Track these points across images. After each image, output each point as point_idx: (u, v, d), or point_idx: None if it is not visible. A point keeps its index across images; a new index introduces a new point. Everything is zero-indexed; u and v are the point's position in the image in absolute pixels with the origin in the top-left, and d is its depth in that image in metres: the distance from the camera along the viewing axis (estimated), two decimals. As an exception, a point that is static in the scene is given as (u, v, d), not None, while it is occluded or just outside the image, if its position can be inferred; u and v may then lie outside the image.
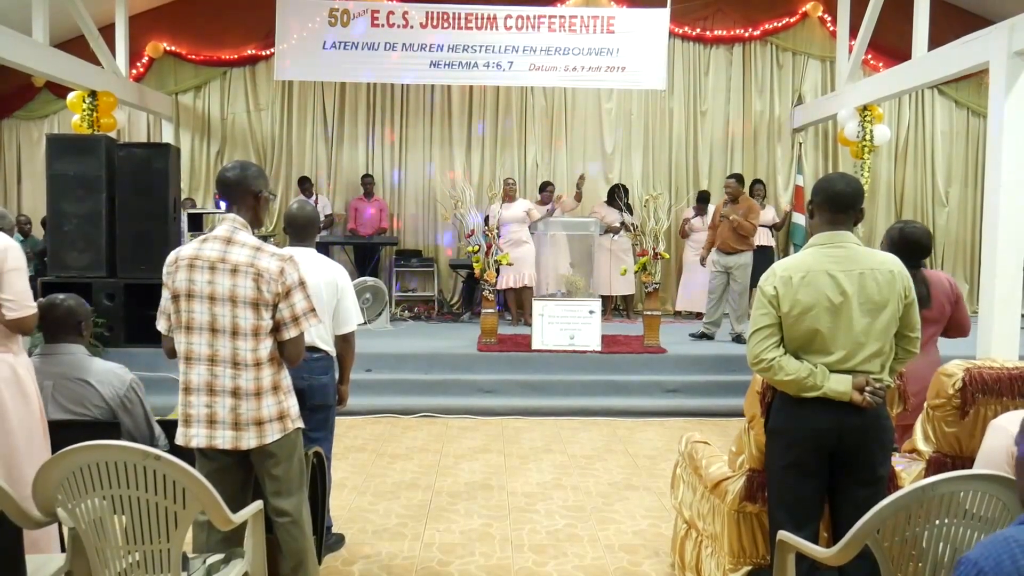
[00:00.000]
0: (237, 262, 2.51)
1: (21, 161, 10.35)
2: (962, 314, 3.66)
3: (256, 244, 2.56)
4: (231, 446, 2.55)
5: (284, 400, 2.63)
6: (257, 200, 2.66)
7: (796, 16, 10.24)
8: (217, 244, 2.55)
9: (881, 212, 10.29)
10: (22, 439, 2.63)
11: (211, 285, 2.51)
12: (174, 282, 2.55)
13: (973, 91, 10.10)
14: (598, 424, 6.15)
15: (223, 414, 2.54)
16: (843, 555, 2.10)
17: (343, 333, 3.50)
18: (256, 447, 2.57)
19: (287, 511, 2.68)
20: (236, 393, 2.53)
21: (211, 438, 2.55)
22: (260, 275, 2.50)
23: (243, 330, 2.51)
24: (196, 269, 2.52)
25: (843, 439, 2.48)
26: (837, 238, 2.53)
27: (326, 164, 10.28)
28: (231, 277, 2.50)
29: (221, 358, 2.52)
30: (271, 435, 2.58)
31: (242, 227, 2.59)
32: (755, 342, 2.54)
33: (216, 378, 2.53)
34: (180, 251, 2.59)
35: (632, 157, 10.33)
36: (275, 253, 2.56)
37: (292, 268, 2.57)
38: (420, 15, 8.96)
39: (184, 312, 2.54)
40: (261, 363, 2.55)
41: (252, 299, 2.50)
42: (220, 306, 2.51)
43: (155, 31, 9.99)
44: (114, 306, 6.94)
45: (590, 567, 3.58)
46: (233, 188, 2.62)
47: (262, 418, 2.56)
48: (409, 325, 9.06)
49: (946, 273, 3.80)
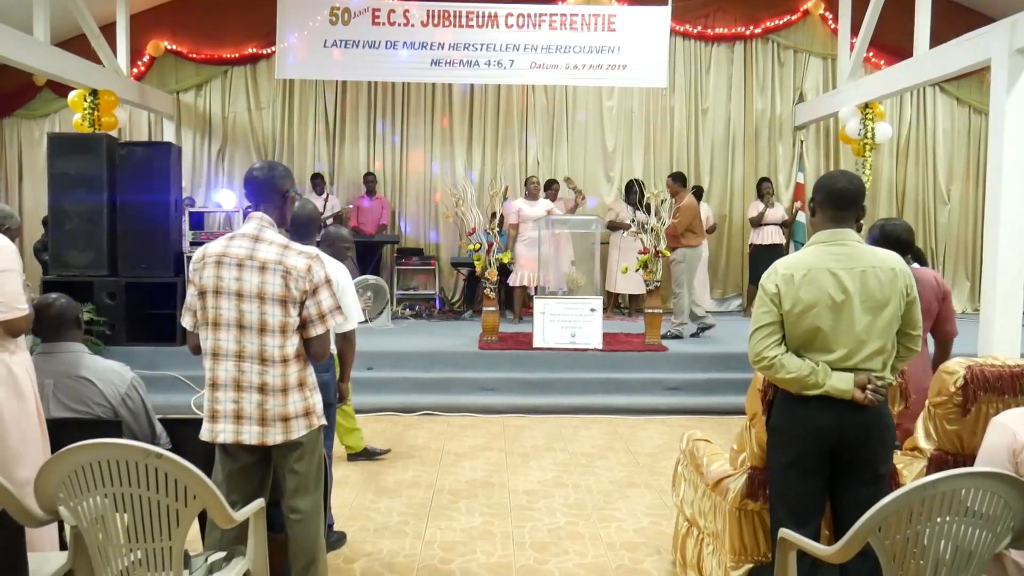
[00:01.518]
0: (265, 259, 2.53)
1: (22, 160, 10.36)
2: (947, 311, 3.64)
3: (284, 242, 2.59)
4: (257, 441, 2.57)
5: (310, 396, 2.66)
6: (284, 199, 2.70)
7: (797, 14, 10.23)
8: (245, 241, 2.57)
9: (883, 210, 10.28)
10: (16, 438, 2.61)
11: (239, 282, 2.53)
12: (201, 278, 2.57)
13: (975, 89, 10.09)
14: (599, 422, 6.15)
15: (250, 410, 2.56)
16: (844, 553, 2.10)
17: (343, 331, 3.51)
18: (282, 442, 2.59)
19: (303, 509, 2.69)
20: (263, 389, 2.55)
21: (238, 433, 2.57)
22: (288, 272, 2.53)
23: (271, 327, 2.53)
24: (224, 266, 2.54)
25: (845, 437, 2.48)
26: (839, 236, 2.53)
27: (327, 162, 10.29)
28: (259, 274, 2.53)
29: (248, 354, 2.54)
30: (297, 431, 2.60)
31: (269, 225, 2.62)
32: (757, 340, 2.54)
33: (243, 374, 2.55)
34: (207, 248, 2.61)
35: (633, 155, 10.33)
36: (302, 251, 2.58)
37: (319, 266, 2.60)
38: (421, 13, 8.96)
39: (211, 308, 2.55)
40: (288, 359, 2.57)
41: (280, 296, 2.52)
42: (248, 303, 2.53)
43: (156, 30, 9.99)
44: (115, 305, 6.95)
45: (591, 565, 3.58)
46: (260, 187, 2.66)
47: (288, 414, 2.58)
48: (410, 323, 9.07)
49: (935, 271, 3.80)
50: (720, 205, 10.26)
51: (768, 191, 9.40)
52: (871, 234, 3.67)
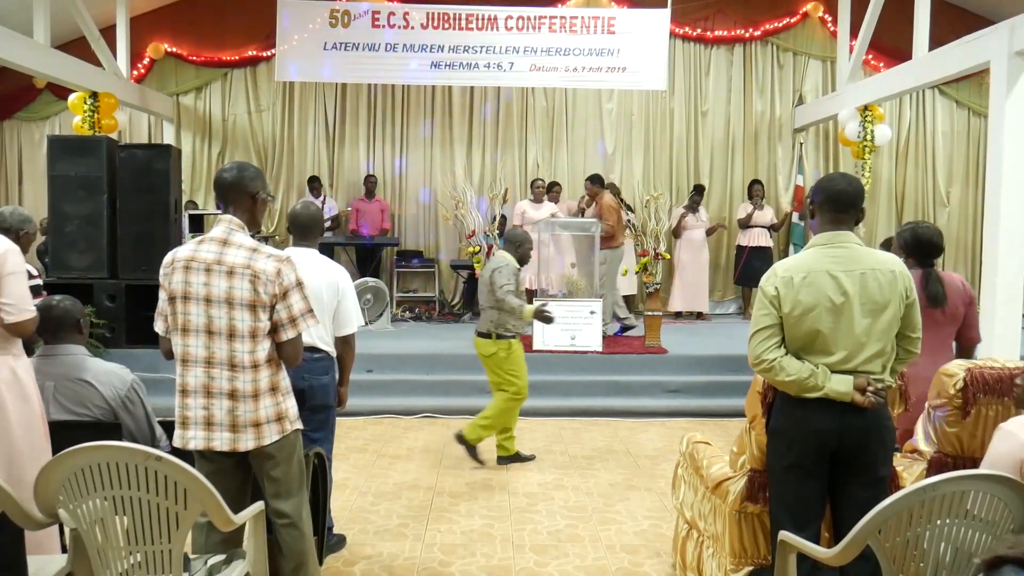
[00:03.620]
0: (233, 264, 2.50)
1: (22, 162, 10.36)
2: (972, 317, 3.60)
3: (253, 245, 2.54)
4: (229, 448, 2.54)
5: (283, 401, 2.62)
6: (254, 201, 2.64)
7: (797, 16, 10.24)
8: (213, 246, 2.53)
9: (882, 212, 10.29)
10: (23, 440, 2.63)
11: (207, 287, 2.49)
12: (170, 284, 2.54)
13: (974, 91, 10.10)
14: (599, 424, 6.15)
15: (220, 416, 2.53)
16: (844, 555, 2.10)
17: (343, 335, 3.50)
18: (254, 448, 2.56)
19: (286, 513, 2.67)
20: (233, 395, 2.52)
21: (208, 440, 2.54)
22: (257, 277, 2.49)
23: (240, 332, 2.50)
24: (192, 271, 2.51)
25: (844, 440, 2.48)
26: (838, 238, 2.53)
27: (327, 165, 10.29)
28: (227, 279, 2.49)
29: (218, 360, 2.51)
30: (269, 436, 2.57)
31: (238, 228, 2.57)
32: (756, 342, 2.54)
33: (213, 380, 2.52)
34: (176, 252, 2.57)
35: (633, 158, 10.33)
36: (272, 254, 2.54)
37: (289, 269, 2.55)
38: (421, 16, 8.97)
39: (180, 314, 2.52)
40: (259, 365, 2.54)
41: (249, 301, 2.49)
42: (216, 308, 2.49)
43: (156, 32, 10.00)
44: (115, 307, 6.94)
45: (591, 567, 3.58)
46: (230, 189, 2.60)
47: (260, 419, 2.55)
48: (410, 326, 9.06)
49: (960, 275, 3.78)
50: (719, 208, 10.26)
51: (758, 193, 9.39)
52: (901, 237, 3.64)
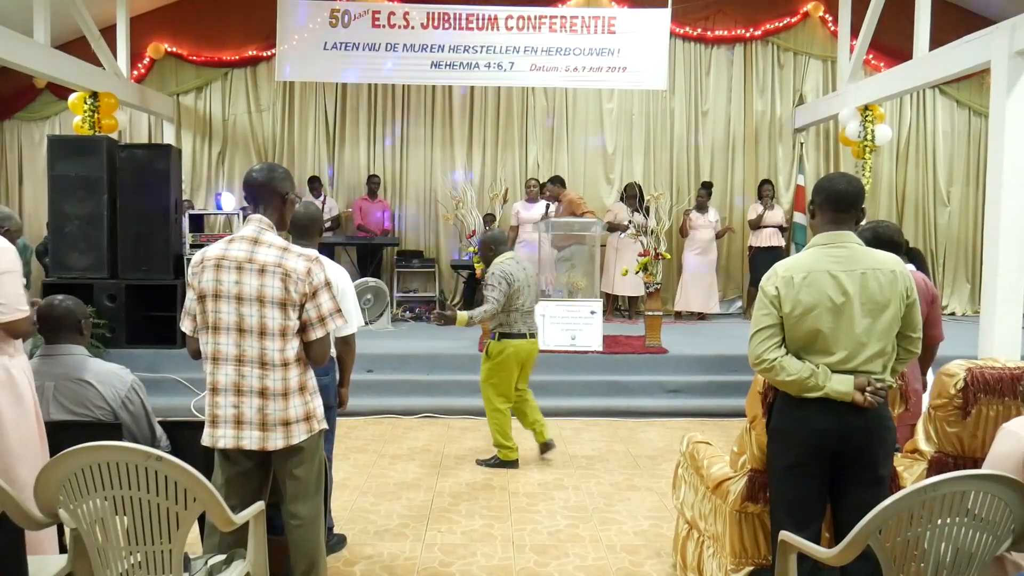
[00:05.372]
0: (265, 262, 2.52)
1: (22, 162, 10.34)
2: (935, 315, 3.64)
3: (283, 245, 2.58)
4: (258, 447, 2.56)
5: (311, 401, 2.64)
6: (283, 201, 2.68)
7: (797, 16, 10.24)
8: (244, 244, 2.55)
9: (883, 212, 10.27)
10: (16, 441, 2.60)
11: (238, 285, 2.51)
12: (200, 282, 2.55)
13: (974, 91, 10.10)
14: (599, 424, 6.15)
15: (250, 414, 2.54)
16: (845, 555, 2.09)
17: (343, 335, 3.50)
18: (283, 447, 2.58)
19: (303, 514, 2.68)
20: (264, 393, 2.54)
21: (238, 438, 2.55)
22: (288, 275, 2.51)
23: (271, 330, 2.52)
24: (223, 269, 2.53)
25: (845, 440, 2.48)
26: (839, 238, 2.53)
27: (327, 165, 10.29)
28: (259, 277, 2.51)
29: (249, 358, 2.53)
30: (298, 436, 2.59)
31: (268, 228, 2.60)
32: (757, 342, 2.54)
33: (244, 378, 2.53)
34: (206, 251, 2.59)
35: (633, 157, 10.33)
36: (302, 253, 2.57)
37: (319, 268, 2.58)
38: (421, 16, 8.97)
39: (211, 312, 2.54)
40: (289, 363, 2.55)
41: (280, 299, 2.51)
42: (248, 306, 2.51)
43: (156, 32, 9.99)
44: (115, 307, 6.94)
45: (592, 568, 3.58)
46: (260, 189, 2.63)
47: (289, 418, 2.56)
48: (410, 326, 9.07)
49: (922, 274, 3.82)
50: (720, 207, 10.24)
51: (768, 193, 9.41)
52: (862, 236, 3.66)
